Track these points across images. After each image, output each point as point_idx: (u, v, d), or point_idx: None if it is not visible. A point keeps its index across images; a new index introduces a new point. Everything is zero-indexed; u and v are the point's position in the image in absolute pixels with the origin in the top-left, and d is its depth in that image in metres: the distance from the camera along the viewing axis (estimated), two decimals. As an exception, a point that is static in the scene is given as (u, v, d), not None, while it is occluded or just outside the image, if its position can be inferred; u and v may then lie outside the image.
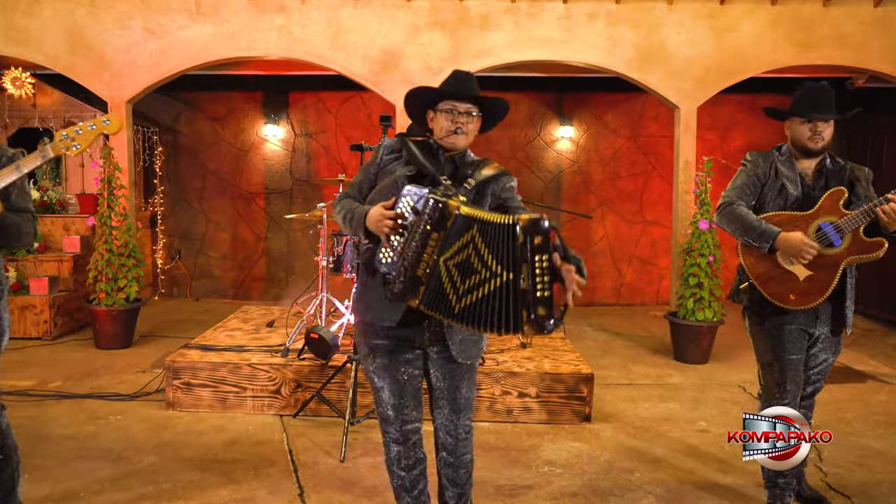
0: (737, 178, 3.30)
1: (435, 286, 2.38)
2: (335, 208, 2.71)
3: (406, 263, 2.38)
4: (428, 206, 2.34)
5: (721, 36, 6.35)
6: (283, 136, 8.60)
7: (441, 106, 2.61)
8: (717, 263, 6.10)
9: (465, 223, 2.32)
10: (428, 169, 2.56)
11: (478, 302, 2.27)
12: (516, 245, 2.19)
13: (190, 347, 4.96)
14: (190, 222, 8.72)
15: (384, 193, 2.56)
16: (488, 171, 2.67)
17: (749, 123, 8.50)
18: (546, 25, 6.31)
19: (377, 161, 2.68)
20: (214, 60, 6.34)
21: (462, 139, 2.60)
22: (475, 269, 2.28)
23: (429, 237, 2.36)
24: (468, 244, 2.31)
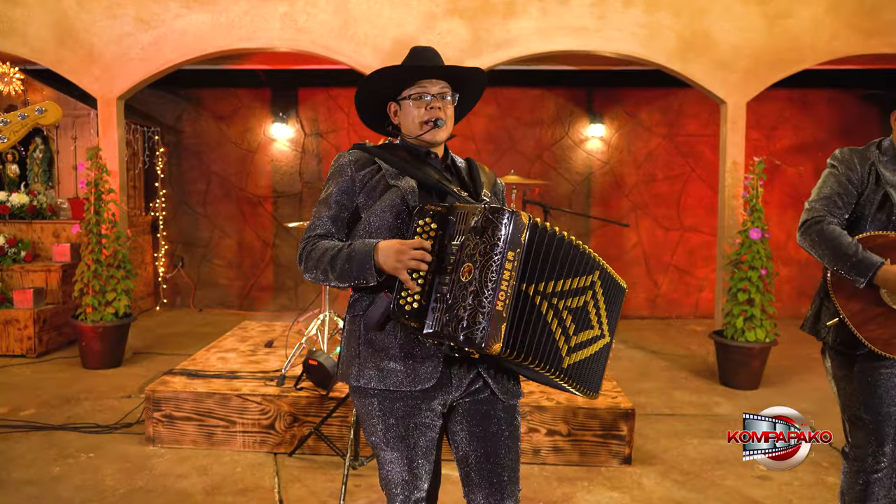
0: (824, 184, 2.58)
1: (532, 327, 1.78)
2: (306, 256, 2.02)
3: (480, 299, 1.72)
4: (495, 217, 1.74)
5: (774, 23, 5.66)
6: (292, 135, 8.05)
7: (407, 92, 2.05)
8: (771, 277, 5.42)
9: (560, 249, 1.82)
10: (430, 178, 1.98)
11: (589, 360, 1.95)
12: (620, 306, 2.03)
13: (174, 374, 4.40)
14: (193, 228, 8.20)
15: (386, 216, 1.95)
16: (485, 175, 2.16)
17: (798, 121, 7.78)
18: (577, 12, 5.67)
19: (347, 180, 2.05)
20: (212, 52, 5.79)
21: (442, 132, 2.04)
22: (591, 322, 1.93)
23: (504, 257, 1.73)
24: (586, 290, 1.90)
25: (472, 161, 2.21)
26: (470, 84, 2.15)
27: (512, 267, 1.71)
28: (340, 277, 1.90)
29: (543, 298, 1.77)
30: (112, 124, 5.80)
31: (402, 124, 2.10)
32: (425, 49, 2.11)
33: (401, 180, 1.99)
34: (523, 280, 1.74)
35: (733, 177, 5.76)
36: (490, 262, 1.71)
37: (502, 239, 1.71)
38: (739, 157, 5.75)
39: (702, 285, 7.97)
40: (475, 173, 2.13)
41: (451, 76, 2.08)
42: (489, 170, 2.22)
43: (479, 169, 2.16)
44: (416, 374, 1.92)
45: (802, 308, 7.85)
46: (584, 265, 1.85)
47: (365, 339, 1.98)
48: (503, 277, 1.70)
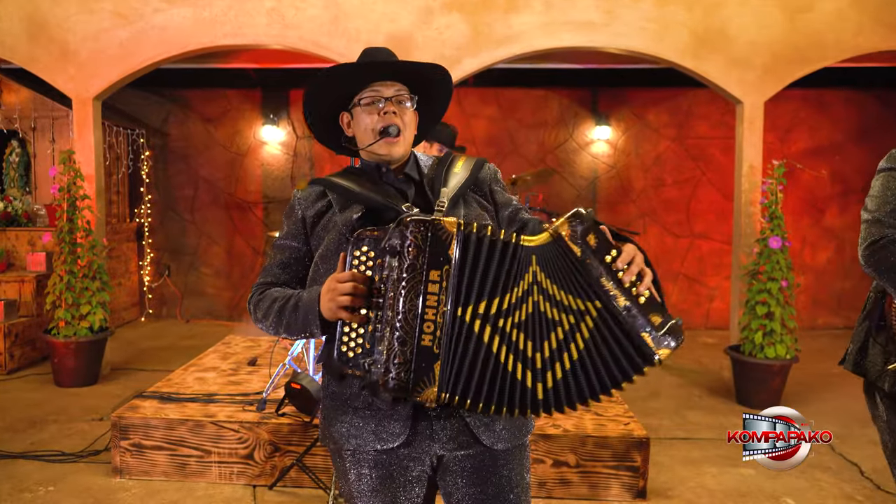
0: (886, 191, 2.08)
1: (481, 361, 1.46)
2: (254, 306, 1.77)
3: (400, 333, 1.44)
4: (409, 233, 1.46)
5: (794, 17, 5.30)
6: (283, 138, 7.69)
7: (358, 97, 1.75)
8: (791, 289, 5.05)
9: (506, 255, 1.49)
10: (377, 200, 1.66)
11: (577, 364, 1.49)
12: (578, 261, 1.48)
13: (145, 397, 4.03)
14: (180, 235, 7.84)
15: (332, 259, 1.66)
16: (458, 168, 1.78)
17: (814, 123, 7.41)
18: (583, 6, 5.31)
19: (299, 222, 1.77)
20: (195, 49, 5.43)
21: (398, 145, 1.73)
22: (555, 320, 1.49)
23: (427, 279, 1.45)
24: (530, 289, 1.49)
25: (446, 157, 1.84)
26: (431, 85, 1.80)
27: (439, 289, 1.44)
28: (288, 329, 1.66)
29: (485, 322, 1.46)
30: (88, 126, 5.45)
31: (357, 136, 1.78)
32: (378, 49, 1.79)
33: (345, 213, 1.69)
34: (458, 303, 1.43)
35: (750, 181, 5.39)
36: (408, 286, 1.44)
37: (419, 257, 1.44)
38: (757, 160, 5.38)
39: (713, 295, 7.60)
40: (438, 176, 1.76)
41: (406, 75, 1.74)
42: (466, 161, 1.83)
43: (448, 166, 1.79)
44: (383, 430, 1.62)
45: (819, 319, 7.49)
46: (523, 264, 1.49)
47: (328, 392, 1.71)
48: (427, 304, 1.43)
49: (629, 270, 1.46)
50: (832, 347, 6.80)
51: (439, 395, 1.44)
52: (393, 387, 1.43)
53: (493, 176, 1.85)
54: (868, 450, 4.29)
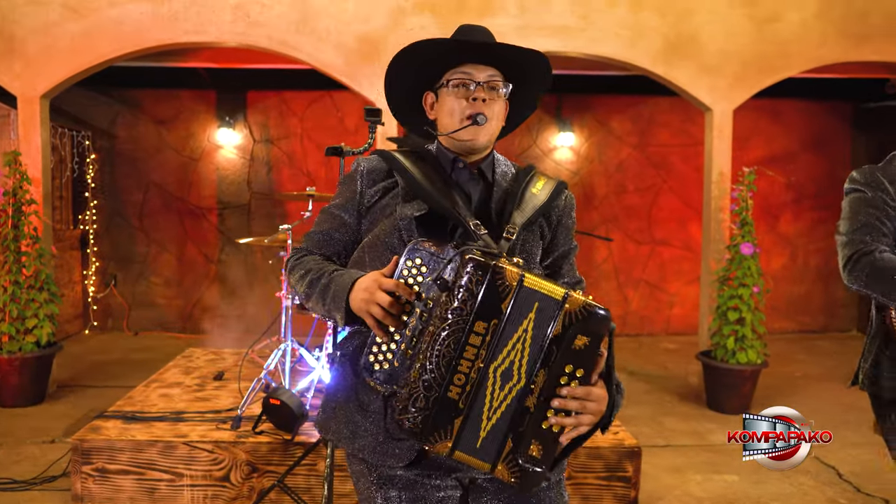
0: (855, 210, 2.13)
1: (478, 414, 1.37)
2: (290, 269, 1.68)
3: (428, 377, 1.33)
4: (466, 273, 1.32)
5: (762, 27, 5.38)
6: (239, 142, 7.40)
7: (448, 77, 1.60)
8: (762, 295, 5.10)
9: (526, 302, 1.34)
10: (443, 204, 1.51)
11: (492, 428, 1.38)
12: (549, 336, 1.34)
13: (107, 417, 3.74)
14: (128, 243, 7.44)
15: (380, 250, 1.55)
16: (537, 190, 1.62)
17: (770, 132, 7.58)
18: (559, 10, 5.27)
19: (356, 196, 1.64)
20: (153, 46, 5.14)
21: (484, 132, 1.58)
22: (512, 372, 1.36)
23: (471, 330, 1.32)
24: (521, 339, 1.36)
25: (527, 171, 1.69)
26: (527, 74, 1.66)
27: (480, 343, 1.32)
28: (314, 305, 1.58)
29: (493, 373, 1.36)
30: (35, 126, 5.08)
31: (439, 120, 1.64)
32: (475, 28, 1.65)
33: (406, 206, 1.55)
34: (492, 360, 1.34)
35: (720, 188, 5.43)
36: (451, 331, 1.32)
37: (469, 302, 1.31)
38: (726, 167, 5.44)
39: (673, 301, 7.67)
40: (514, 193, 1.61)
41: (505, 59, 1.60)
42: (547, 181, 1.67)
43: (525, 186, 1.63)
44: (388, 447, 1.50)
45: (774, 324, 7.64)
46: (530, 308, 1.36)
47: (346, 386, 1.58)
48: (465, 356, 1.32)
49: (564, 399, 1.35)
50: (790, 351, 6.96)
51: (452, 451, 1.36)
52: (407, 428, 1.35)
53: (567, 208, 1.70)
54: (842, 453, 4.35)
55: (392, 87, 1.69)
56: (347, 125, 7.34)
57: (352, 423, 1.54)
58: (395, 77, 1.67)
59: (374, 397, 1.52)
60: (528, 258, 1.57)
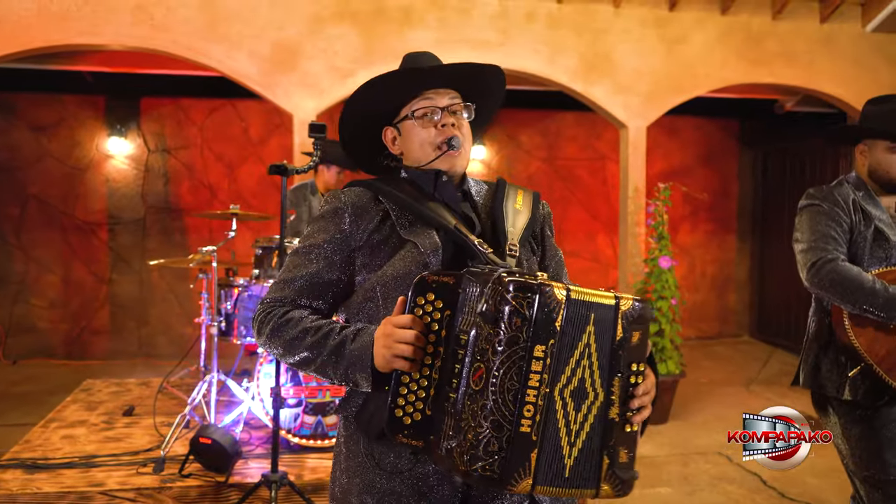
0: (814, 223, 2.33)
1: (553, 442, 1.25)
2: (271, 329, 1.44)
3: (495, 416, 1.20)
4: (510, 297, 1.20)
5: (671, 48, 5.59)
6: (132, 151, 6.86)
7: (409, 109, 1.51)
8: (678, 307, 5.28)
9: (579, 316, 1.24)
10: (446, 226, 1.42)
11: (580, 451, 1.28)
12: (614, 342, 1.28)
13: (4, 467, 3.30)
14: (4, 261, 6.71)
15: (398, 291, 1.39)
16: (519, 205, 1.56)
17: (668, 148, 7.91)
18: (478, 24, 5.23)
19: (344, 233, 1.47)
20: (40, 48, 4.66)
21: (461, 158, 1.52)
22: (586, 389, 1.28)
23: (531, 356, 1.21)
24: (584, 354, 1.26)
25: (501, 184, 1.60)
26: (487, 90, 1.60)
27: (542, 367, 1.23)
28: (322, 372, 1.39)
29: (560, 395, 1.27)
30: None
31: (408, 154, 1.53)
32: (422, 54, 1.57)
33: (418, 233, 1.42)
34: (556, 381, 1.24)
35: (635, 203, 5.58)
36: (508, 363, 1.22)
37: (524, 329, 1.21)
38: (641, 182, 5.59)
39: (582, 311, 7.83)
40: (498, 208, 1.52)
41: (463, 79, 1.53)
42: (524, 194, 1.60)
43: (505, 198, 1.55)
44: (431, 493, 1.37)
45: (676, 331, 7.97)
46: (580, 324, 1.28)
47: (365, 447, 1.42)
48: (530, 384, 1.22)
49: (640, 397, 1.31)
50: (693, 357, 7.26)
51: (534, 487, 1.24)
52: (480, 477, 1.21)
53: (547, 217, 1.64)
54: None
55: (346, 125, 1.56)
56: (252, 135, 6.98)
57: (374, 491, 1.39)
58: (349, 115, 1.55)
59: (401, 455, 1.38)
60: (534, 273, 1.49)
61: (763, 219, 8.17)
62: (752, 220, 8.30)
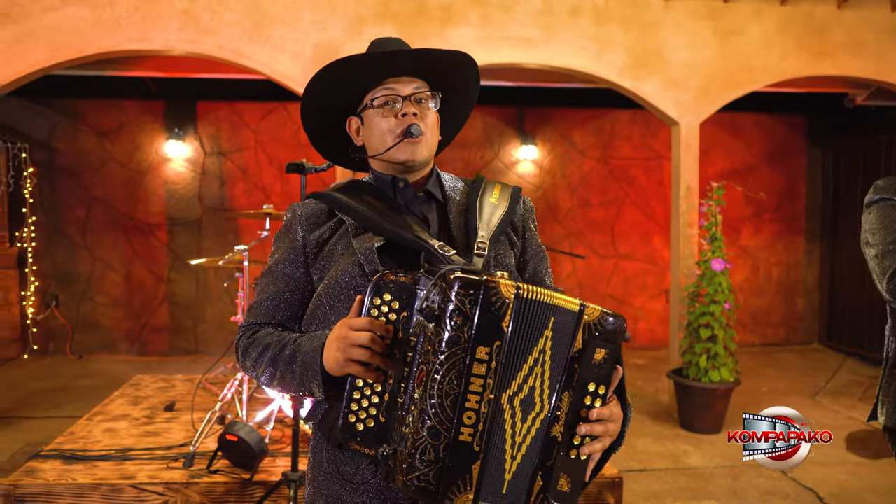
0: (888, 221, 1.97)
1: (498, 454, 1.17)
2: (242, 352, 1.44)
3: (432, 422, 1.13)
4: (454, 295, 1.13)
5: (725, 40, 5.34)
6: (189, 154, 7.07)
7: (370, 97, 1.45)
8: (733, 311, 5.03)
9: (535, 318, 1.17)
10: (399, 233, 1.33)
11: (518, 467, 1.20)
12: (570, 353, 1.19)
13: (44, 457, 3.41)
14: (70, 261, 7.03)
15: (342, 292, 1.35)
16: (495, 199, 1.47)
17: (729, 146, 7.60)
18: (522, 21, 5.13)
19: (297, 245, 1.44)
20: (94, 55, 4.83)
21: (421, 148, 1.43)
22: (535, 400, 1.19)
23: (473, 358, 1.13)
24: (539, 361, 1.18)
25: (478, 182, 1.52)
26: (458, 80, 1.51)
27: (486, 371, 1.14)
28: (283, 384, 1.35)
29: (509, 403, 1.18)
30: (-36, 138, 4.71)
31: (369, 144, 1.47)
32: (388, 39, 1.48)
33: (362, 239, 1.36)
34: (503, 388, 1.16)
35: (688, 203, 5.36)
36: (448, 364, 1.13)
37: (465, 328, 1.13)
38: (694, 181, 5.37)
39: (638, 315, 7.60)
40: (472, 206, 1.45)
41: (431, 68, 1.45)
42: (502, 188, 1.52)
43: (482, 196, 1.47)
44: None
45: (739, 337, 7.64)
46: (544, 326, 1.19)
47: (319, 460, 1.40)
48: (471, 389, 1.13)
49: (591, 424, 1.21)
50: (755, 365, 6.94)
51: (476, 502, 1.15)
52: (417, 489, 1.13)
53: (528, 212, 1.55)
54: (817, 473, 4.28)
55: (309, 116, 1.51)
56: (302, 138, 7.05)
57: (338, 501, 1.34)
58: (311, 105, 1.49)
59: (360, 465, 1.33)
60: (508, 272, 1.41)
61: (834, 219, 7.74)
62: (822, 220, 7.87)
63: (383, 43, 1.47)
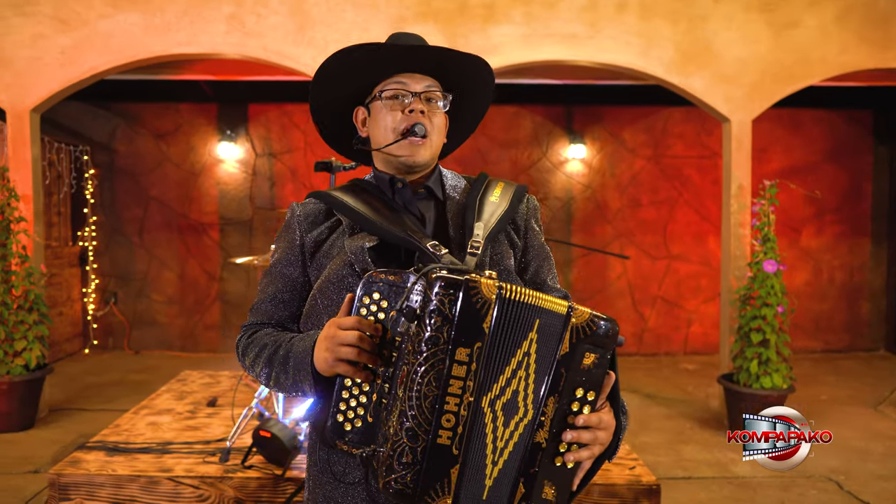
0: None
1: (478, 459, 1.15)
2: (242, 352, 1.46)
3: (410, 424, 1.12)
4: (435, 295, 1.11)
5: (780, 33, 5.14)
6: (241, 155, 7.23)
7: (380, 89, 1.42)
8: (787, 315, 4.83)
9: (519, 319, 1.14)
10: (394, 234, 1.31)
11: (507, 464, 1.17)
12: (556, 357, 1.15)
13: (88, 448, 3.53)
14: (128, 260, 7.27)
15: (334, 291, 1.34)
16: (496, 197, 1.43)
17: (789, 143, 7.31)
18: (565, 17, 5.05)
19: (296, 245, 1.43)
20: (145, 59, 4.97)
21: (424, 148, 1.40)
22: (518, 404, 1.16)
23: (452, 360, 1.10)
24: (523, 364, 1.15)
25: (481, 179, 1.49)
26: (470, 81, 1.48)
27: (465, 372, 1.11)
28: (279, 385, 1.35)
29: (490, 407, 1.15)
30: (24, 141, 4.92)
31: (373, 136, 1.45)
32: (408, 34, 1.45)
33: (355, 238, 1.34)
34: (483, 391, 1.13)
35: (739, 202, 5.17)
36: (427, 365, 1.11)
37: (444, 328, 1.10)
38: (746, 180, 5.17)
39: (691, 319, 7.38)
40: (471, 204, 1.41)
41: (444, 67, 1.42)
42: (505, 186, 1.48)
43: (482, 194, 1.44)
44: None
45: (798, 343, 7.34)
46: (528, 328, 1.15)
47: (316, 458, 1.38)
48: (450, 391, 1.11)
49: (578, 430, 1.16)
50: (815, 372, 6.65)
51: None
52: (395, 491, 1.12)
53: (532, 211, 1.51)
54: (874, 486, 4.06)
55: (318, 101, 1.49)
56: (352, 138, 7.14)
57: (331, 502, 1.33)
58: (320, 90, 1.47)
59: (351, 465, 1.31)
60: (503, 271, 1.38)
61: (903, 220, 7.36)
62: (890, 221, 7.49)
63: (402, 37, 1.45)
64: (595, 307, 1.20)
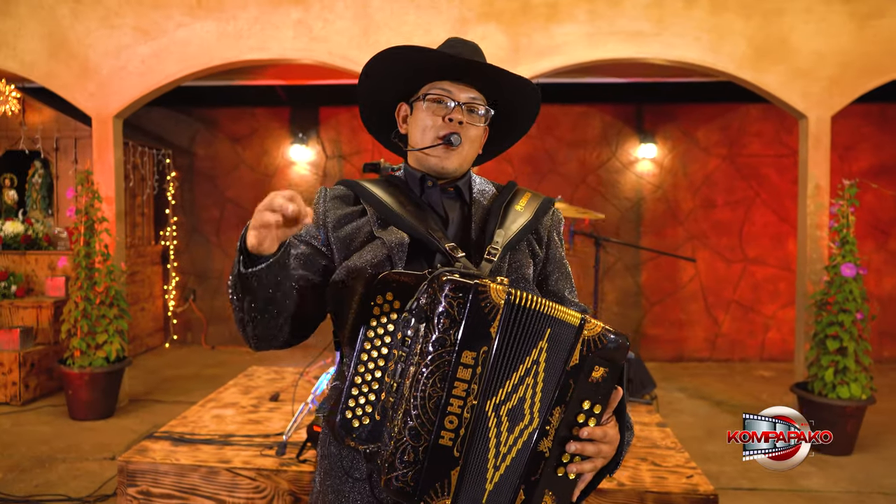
0: None
1: (480, 463, 1.16)
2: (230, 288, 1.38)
3: (414, 423, 1.14)
4: (444, 297, 1.14)
5: (863, 24, 4.86)
6: (312, 158, 7.41)
7: (427, 90, 1.43)
8: (867, 322, 4.56)
9: (529, 327, 1.16)
10: (417, 228, 1.32)
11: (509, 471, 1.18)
12: (566, 367, 1.17)
13: (156, 438, 3.69)
14: (206, 258, 7.58)
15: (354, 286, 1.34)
16: (521, 206, 1.47)
17: (877, 140, 6.90)
18: (631, 15, 4.94)
19: (319, 219, 1.42)
20: (219, 65, 5.17)
21: (454, 156, 1.42)
22: (524, 411, 1.18)
23: (458, 362, 1.13)
24: (531, 371, 1.17)
25: (509, 188, 1.50)
26: (516, 103, 1.48)
27: (471, 375, 1.14)
28: (239, 296, 1.26)
29: (494, 411, 1.16)
30: (108, 145, 5.21)
31: (411, 135, 1.46)
32: (465, 43, 1.46)
33: (390, 231, 1.35)
34: (488, 395, 1.15)
35: (816, 203, 4.92)
36: (433, 366, 1.13)
37: (452, 330, 1.13)
38: (824, 179, 4.92)
39: (768, 324, 7.07)
40: (495, 211, 1.42)
41: (491, 82, 1.43)
42: (531, 196, 1.49)
43: (508, 203, 1.45)
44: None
45: (884, 351, 6.93)
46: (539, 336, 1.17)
47: (325, 451, 1.40)
48: (454, 393, 1.13)
49: (582, 442, 1.17)
50: (903, 383, 6.25)
51: None
52: (396, 489, 1.15)
53: (556, 224, 1.51)
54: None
55: (364, 93, 1.51)
56: (419, 140, 7.21)
57: (339, 495, 1.35)
58: (368, 83, 1.49)
59: (358, 460, 1.33)
60: (520, 280, 1.38)
61: None
62: None
63: (457, 44, 1.46)
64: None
